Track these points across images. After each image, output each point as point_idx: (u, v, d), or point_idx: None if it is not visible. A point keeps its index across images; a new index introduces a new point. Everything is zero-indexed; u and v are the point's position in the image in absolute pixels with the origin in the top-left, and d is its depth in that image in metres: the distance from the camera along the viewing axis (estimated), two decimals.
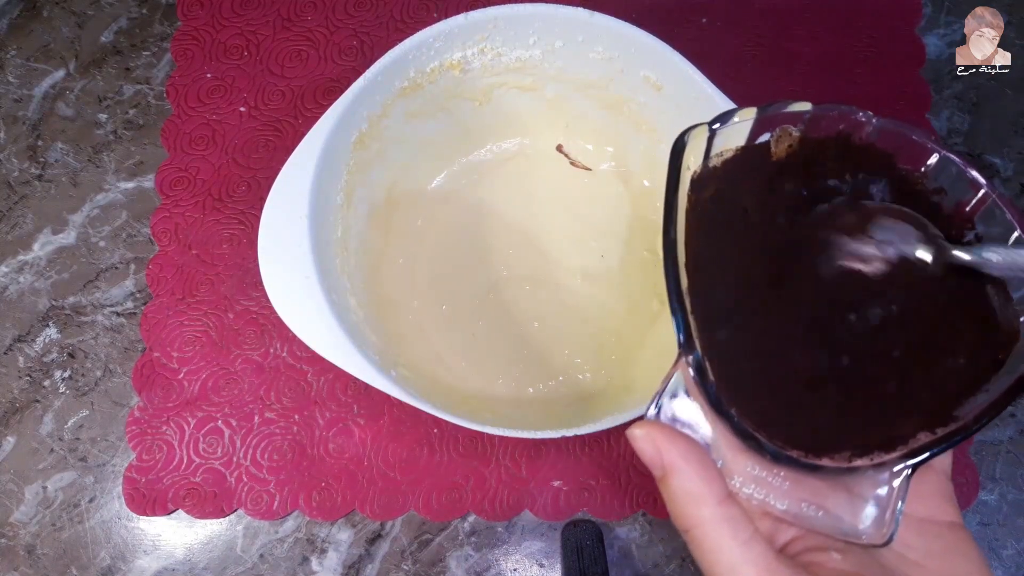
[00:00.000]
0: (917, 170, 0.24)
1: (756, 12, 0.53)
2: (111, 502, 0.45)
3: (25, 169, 0.51)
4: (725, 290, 0.23)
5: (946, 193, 0.24)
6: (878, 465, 0.20)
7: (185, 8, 0.54)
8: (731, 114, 0.24)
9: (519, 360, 0.45)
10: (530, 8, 0.39)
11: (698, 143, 0.24)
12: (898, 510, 0.20)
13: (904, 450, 0.20)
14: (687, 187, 0.23)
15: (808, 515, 0.20)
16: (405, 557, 0.44)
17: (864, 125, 0.24)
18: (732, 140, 0.24)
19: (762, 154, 0.24)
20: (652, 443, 0.20)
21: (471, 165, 0.49)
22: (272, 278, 0.37)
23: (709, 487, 0.19)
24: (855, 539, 0.20)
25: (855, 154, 0.24)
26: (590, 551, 0.41)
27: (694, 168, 0.24)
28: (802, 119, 0.24)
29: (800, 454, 0.20)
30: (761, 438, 0.20)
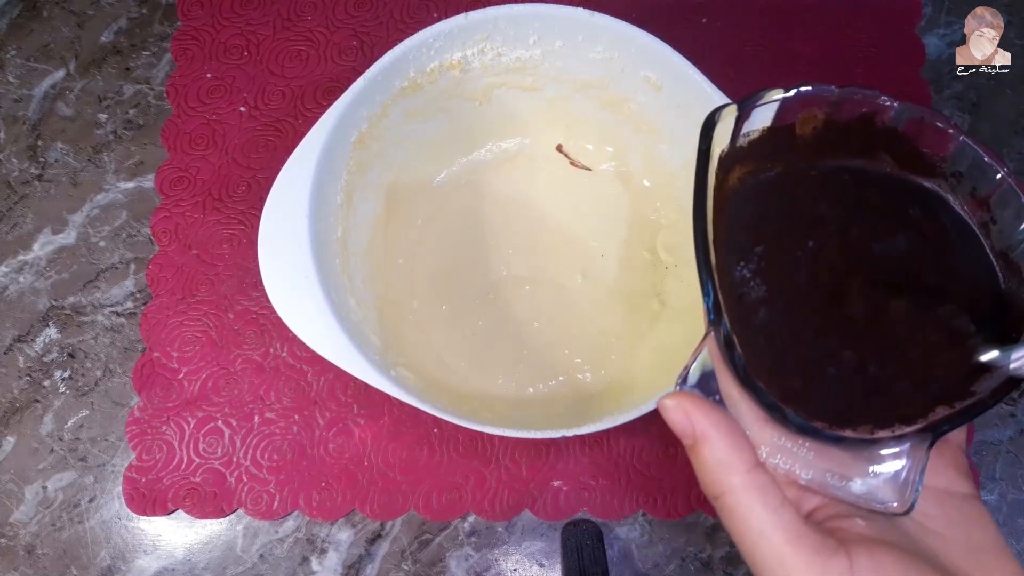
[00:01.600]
0: (937, 154, 0.24)
1: (756, 12, 0.53)
2: (111, 502, 0.45)
3: (25, 169, 0.51)
4: (752, 266, 0.23)
5: (963, 177, 0.24)
6: (899, 437, 0.21)
7: (185, 8, 0.54)
8: (760, 95, 0.24)
9: (519, 360, 0.45)
10: (530, 8, 0.40)
11: (727, 123, 0.24)
12: (918, 480, 0.20)
13: (924, 423, 0.21)
14: (715, 165, 0.24)
15: (832, 485, 0.21)
16: (405, 557, 0.44)
17: (887, 109, 0.24)
18: (759, 121, 0.25)
19: (788, 135, 0.25)
20: (683, 412, 0.20)
21: (471, 165, 0.49)
22: (272, 278, 0.37)
23: (739, 455, 0.20)
24: (877, 508, 0.21)
25: (878, 137, 0.25)
26: (590, 551, 0.41)
27: (722, 147, 0.24)
28: (827, 101, 0.24)
29: (824, 426, 0.21)
30: (787, 410, 0.21)
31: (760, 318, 0.22)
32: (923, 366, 0.22)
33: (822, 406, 0.22)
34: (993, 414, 0.46)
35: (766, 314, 0.23)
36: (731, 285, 0.22)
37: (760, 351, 0.22)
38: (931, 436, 0.20)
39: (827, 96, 0.24)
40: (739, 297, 0.22)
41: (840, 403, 0.22)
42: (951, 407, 0.21)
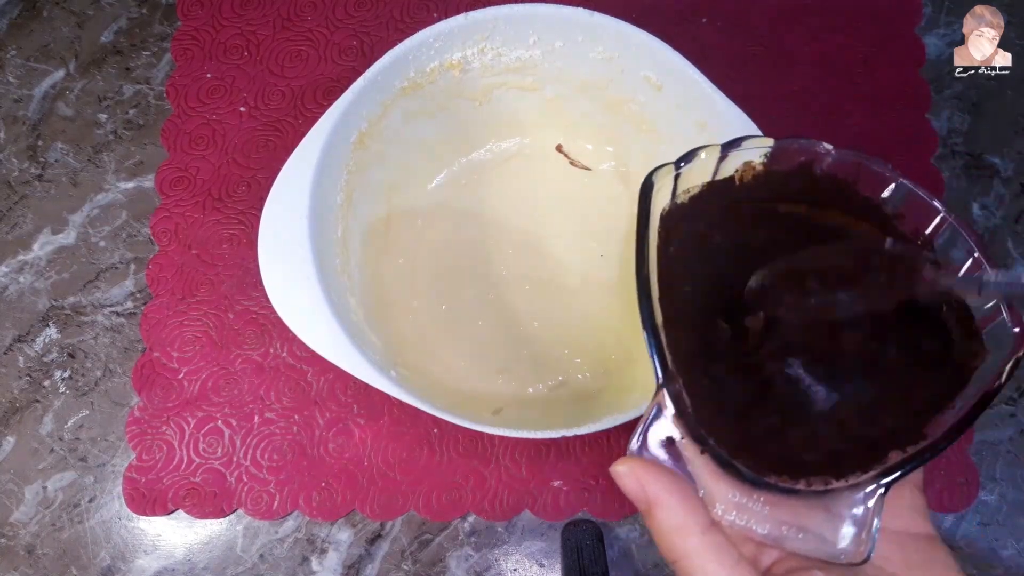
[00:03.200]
0: (876, 197, 0.25)
1: (756, 12, 0.53)
2: (111, 502, 0.45)
3: (25, 169, 0.51)
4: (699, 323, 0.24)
5: (905, 218, 0.25)
6: (853, 486, 0.21)
7: (185, 8, 0.54)
8: (695, 152, 0.25)
9: (519, 360, 0.45)
10: (530, 8, 0.39)
11: (666, 181, 0.25)
12: (875, 528, 0.20)
13: (877, 469, 0.21)
14: (657, 223, 0.24)
15: (789, 537, 0.21)
16: (405, 557, 0.44)
17: (824, 156, 0.25)
18: (698, 176, 0.25)
19: (728, 188, 0.25)
20: (635, 479, 0.21)
21: (471, 165, 0.49)
22: (272, 278, 0.37)
23: (693, 517, 0.20)
24: (835, 559, 0.21)
25: (817, 183, 0.25)
26: (590, 551, 0.41)
27: (663, 205, 0.25)
28: (764, 153, 0.25)
29: (777, 479, 0.21)
30: (739, 465, 0.21)
31: (709, 374, 0.23)
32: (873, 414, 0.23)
33: (775, 459, 0.22)
34: (993, 414, 0.46)
35: (715, 370, 0.23)
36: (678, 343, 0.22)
37: (711, 407, 0.22)
38: (885, 483, 0.20)
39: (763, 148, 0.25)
40: (688, 354, 0.23)
41: (793, 455, 0.22)
42: (904, 452, 0.21)
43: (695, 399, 0.22)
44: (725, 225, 0.25)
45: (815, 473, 0.21)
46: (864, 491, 0.21)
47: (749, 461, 0.21)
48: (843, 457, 0.22)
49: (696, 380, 0.22)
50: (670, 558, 0.20)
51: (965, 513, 0.44)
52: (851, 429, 0.23)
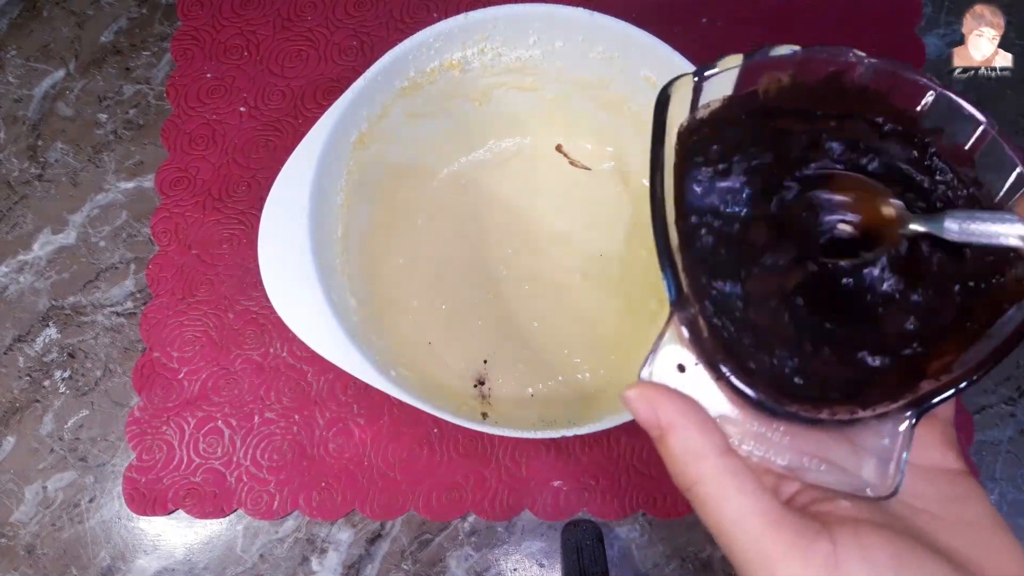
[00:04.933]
0: (913, 109, 0.23)
1: (756, 12, 0.53)
2: (111, 502, 0.45)
3: (25, 169, 0.51)
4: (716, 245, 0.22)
5: (944, 132, 0.23)
6: (881, 416, 0.20)
7: (185, 8, 0.54)
8: (715, 63, 0.23)
9: (519, 360, 0.45)
10: (530, 8, 0.39)
11: (683, 94, 0.23)
12: (903, 460, 0.19)
13: (907, 399, 0.20)
14: (674, 140, 0.22)
15: (811, 469, 0.20)
16: (405, 557, 0.44)
17: (855, 66, 0.23)
18: (719, 90, 0.23)
19: (751, 101, 0.24)
20: (647, 403, 0.19)
21: (471, 165, 0.49)
22: (272, 278, 0.37)
23: (709, 441, 0.19)
24: (860, 492, 0.19)
25: (848, 96, 0.23)
26: (590, 551, 0.41)
27: (681, 121, 0.23)
28: (792, 63, 0.23)
29: (799, 408, 0.20)
30: (758, 393, 0.20)
31: (727, 299, 0.21)
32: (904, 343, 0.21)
33: (796, 387, 0.21)
34: (993, 414, 0.46)
35: (733, 295, 0.21)
36: (694, 265, 0.21)
37: (728, 332, 0.21)
38: (916, 413, 0.19)
39: (791, 58, 0.23)
40: (704, 278, 0.21)
41: (816, 384, 0.21)
42: (936, 380, 0.20)
43: (711, 325, 0.20)
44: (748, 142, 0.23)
45: (839, 402, 0.20)
46: (893, 421, 0.19)
47: (768, 389, 0.20)
48: (870, 387, 0.21)
49: (712, 305, 0.21)
50: (684, 484, 0.19)
51: None
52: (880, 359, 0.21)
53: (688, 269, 0.21)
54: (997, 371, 0.48)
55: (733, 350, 0.21)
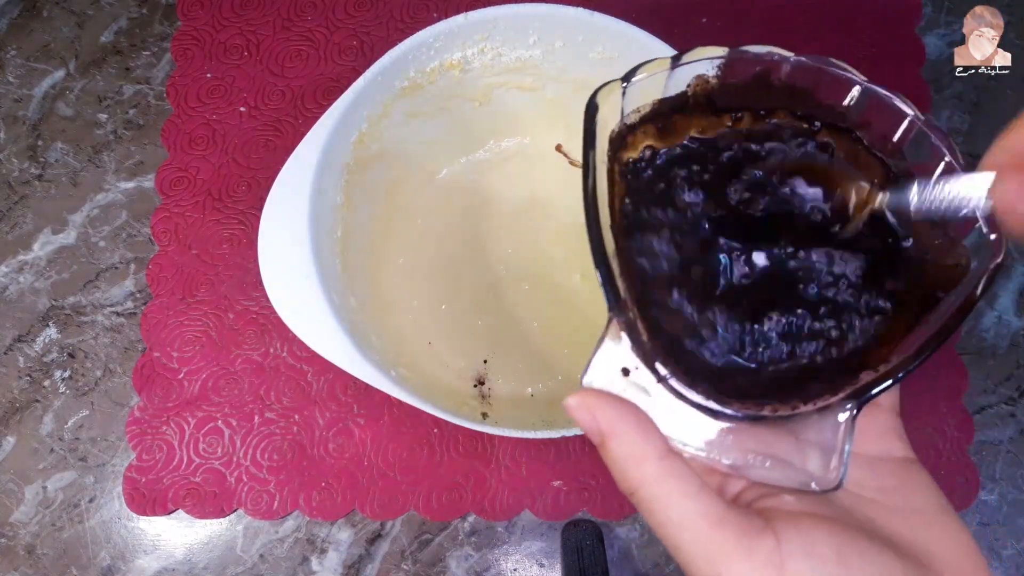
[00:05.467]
0: (839, 104, 0.23)
1: (756, 12, 0.53)
2: (111, 502, 0.45)
3: (25, 169, 0.51)
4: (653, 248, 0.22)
5: (872, 125, 0.23)
6: (822, 409, 0.20)
7: (185, 8, 0.54)
8: (640, 67, 0.23)
9: (519, 360, 0.45)
10: (530, 8, 0.39)
11: (613, 100, 0.23)
12: (846, 452, 0.19)
13: (847, 391, 0.20)
14: (606, 146, 0.22)
15: (755, 466, 0.20)
16: (405, 557, 0.44)
17: (781, 64, 0.23)
18: (649, 94, 0.24)
19: (680, 104, 0.24)
20: (587, 410, 0.19)
21: (471, 165, 0.49)
22: (272, 278, 0.36)
23: (649, 444, 0.19)
24: (805, 486, 0.19)
25: (775, 94, 0.24)
26: (590, 551, 0.41)
27: (612, 126, 0.23)
28: (717, 65, 0.23)
29: (741, 406, 0.20)
30: (698, 394, 0.20)
31: (665, 302, 0.21)
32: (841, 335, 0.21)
33: (737, 386, 0.21)
34: (993, 414, 0.46)
35: (670, 297, 0.21)
36: (631, 270, 0.21)
37: (666, 335, 0.21)
38: (856, 404, 0.19)
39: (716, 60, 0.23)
40: (641, 282, 0.21)
41: (756, 381, 0.21)
42: (875, 372, 0.20)
43: (650, 329, 0.21)
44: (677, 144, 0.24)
45: (781, 398, 0.20)
46: (834, 414, 0.19)
47: (709, 389, 0.20)
48: (810, 381, 0.21)
49: (651, 309, 0.21)
50: (627, 489, 0.19)
51: (965, 513, 0.44)
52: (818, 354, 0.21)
53: (625, 273, 0.21)
54: (997, 371, 0.48)
55: (674, 351, 0.21)
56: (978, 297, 0.20)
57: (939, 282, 0.21)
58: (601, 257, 0.21)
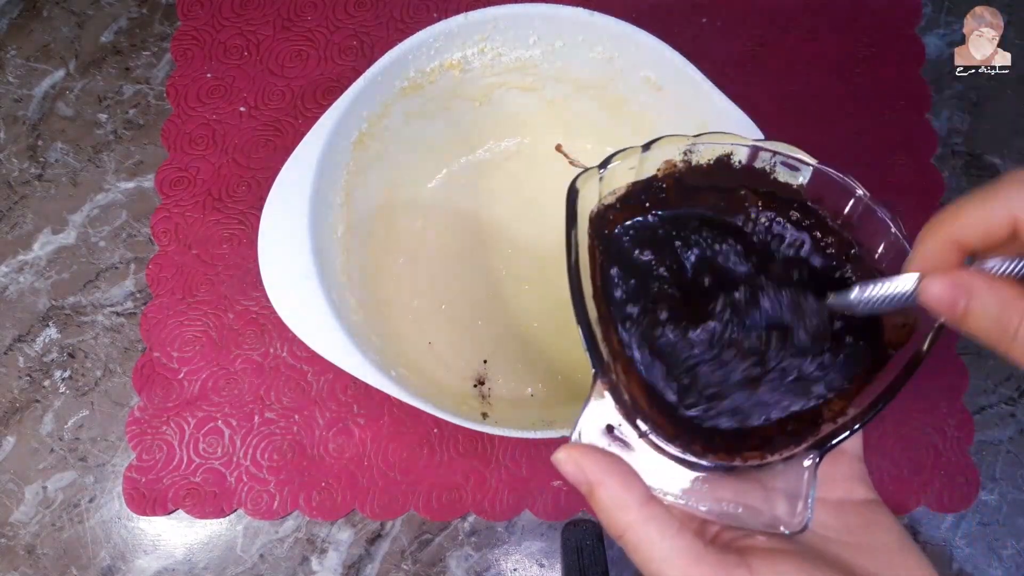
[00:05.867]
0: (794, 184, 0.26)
1: (756, 12, 0.53)
2: (111, 502, 0.45)
3: (25, 169, 0.51)
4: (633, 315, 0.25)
5: (824, 200, 0.26)
6: (787, 459, 0.22)
7: (185, 8, 0.54)
8: (615, 155, 0.26)
9: (519, 360, 0.45)
10: (530, 8, 0.39)
11: (591, 184, 0.26)
12: (810, 497, 0.21)
13: (809, 442, 0.22)
14: (587, 224, 0.26)
15: (729, 513, 0.22)
16: (405, 557, 0.44)
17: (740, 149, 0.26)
18: (623, 177, 0.27)
19: (651, 185, 0.27)
20: (574, 464, 0.21)
21: (471, 165, 0.49)
22: (272, 278, 0.37)
23: (631, 492, 0.21)
24: (775, 529, 0.21)
25: (735, 174, 0.27)
26: (590, 551, 0.41)
27: (591, 207, 0.26)
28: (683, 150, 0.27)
29: (715, 458, 0.22)
30: (675, 448, 0.22)
31: (645, 364, 0.24)
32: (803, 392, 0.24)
33: (710, 440, 0.23)
34: (993, 414, 0.46)
35: (649, 359, 0.24)
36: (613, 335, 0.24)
37: (648, 393, 0.23)
38: (818, 454, 0.21)
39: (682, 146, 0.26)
40: (623, 346, 0.24)
41: (728, 434, 0.23)
42: (834, 423, 0.22)
43: (631, 388, 0.23)
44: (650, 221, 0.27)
45: (751, 450, 0.23)
46: (798, 463, 0.22)
47: (686, 444, 0.22)
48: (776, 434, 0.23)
49: (632, 370, 0.24)
50: (615, 534, 0.21)
51: (965, 513, 0.44)
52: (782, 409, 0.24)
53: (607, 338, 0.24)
54: (997, 371, 0.48)
55: (654, 408, 0.23)
56: (924, 353, 0.22)
57: (891, 341, 0.24)
58: (585, 324, 0.23)
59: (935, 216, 0.21)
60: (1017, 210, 0.19)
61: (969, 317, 0.20)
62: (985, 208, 0.20)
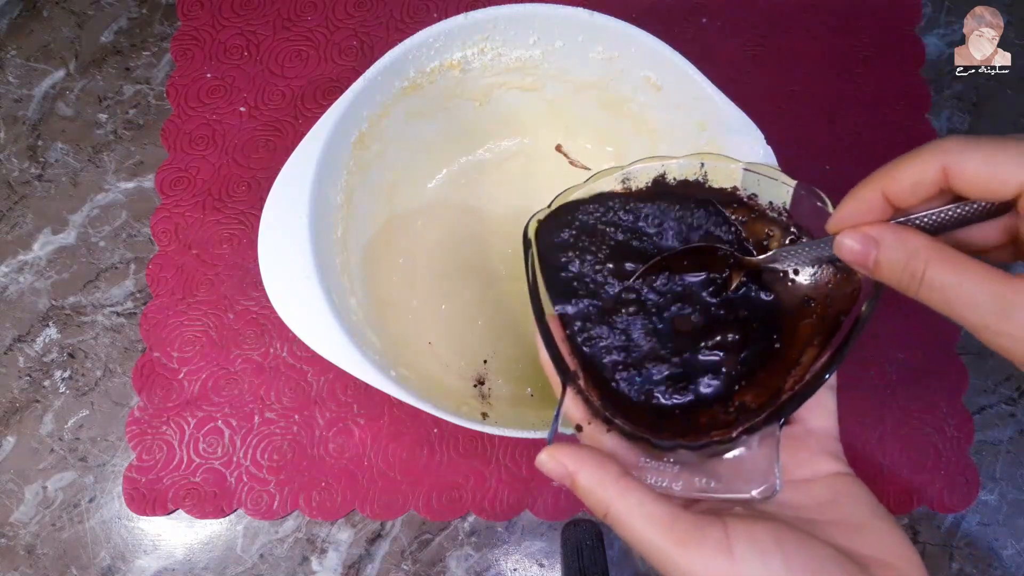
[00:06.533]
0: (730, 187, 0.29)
1: (756, 12, 0.53)
2: (111, 502, 0.45)
3: (25, 169, 0.51)
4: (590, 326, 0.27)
5: (758, 195, 0.29)
6: (748, 430, 0.23)
7: (185, 8, 0.54)
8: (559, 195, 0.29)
9: (519, 359, 0.45)
10: (530, 8, 0.39)
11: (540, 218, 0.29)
12: (776, 462, 0.22)
13: (767, 413, 0.24)
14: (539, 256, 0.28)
15: (702, 487, 0.23)
16: (405, 557, 0.44)
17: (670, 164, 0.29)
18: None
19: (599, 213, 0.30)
20: (554, 460, 0.23)
21: (471, 165, 0.49)
22: (272, 278, 0.36)
23: (607, 470, 0.22)
24: (747, 497, 0.22)
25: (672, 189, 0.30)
26: (590, 551, 0.41)
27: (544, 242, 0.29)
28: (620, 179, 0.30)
29: (682, 440, 0.24)
30: (647, 435, 0.24)
31: (607, 365, 0.27)
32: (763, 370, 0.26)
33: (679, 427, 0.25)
34: (993, 414, 0.46)
35: (611, 361, 0.27)
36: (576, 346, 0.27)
37: (613, 394, 0.26)
38: (778, 422, 0.23)
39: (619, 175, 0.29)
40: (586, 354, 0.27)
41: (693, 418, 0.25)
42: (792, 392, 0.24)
43: (598, 390, 0.26)
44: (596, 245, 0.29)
45: (717, 428, 0.24)
46: (761, 433, 0.23)
47: (652, 431, 0.24)
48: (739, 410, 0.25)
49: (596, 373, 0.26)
50: (600, 513, 0.22)
51: (965, 513, 0.44)
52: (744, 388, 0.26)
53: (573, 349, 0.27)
54: (997, 371, 0.48)
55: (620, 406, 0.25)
56: (864, 313, 0.24)
57: (843, 309, 0.25)
58: (549, 342, 0.26)
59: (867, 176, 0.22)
60: (948, 162, 0.20)
61: (880, 267, 0.21)
62: (916, 161, 0.21)
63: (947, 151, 0.20)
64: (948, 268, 0.20)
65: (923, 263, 0.20)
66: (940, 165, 0.20)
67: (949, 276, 0.20)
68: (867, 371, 0.46)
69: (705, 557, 0.20)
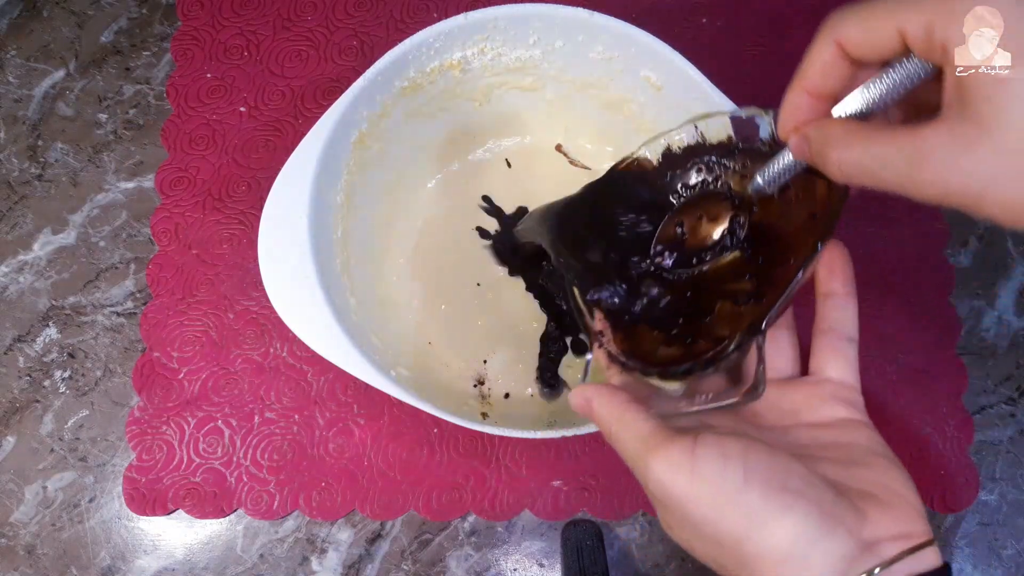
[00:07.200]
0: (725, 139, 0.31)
1: (756, 12, 0.53)
2: (111, 502, 0.45)
3: (25, 169, 0.51)
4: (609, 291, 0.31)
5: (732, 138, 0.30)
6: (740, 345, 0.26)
7: (185, 8, 0.54)
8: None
9: (518, 360, 0.45)
10: (530, 8, 0.39)
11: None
12: (760, 365, 0.24)
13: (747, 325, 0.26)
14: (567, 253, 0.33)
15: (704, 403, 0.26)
16: (405, 557, 0.44)
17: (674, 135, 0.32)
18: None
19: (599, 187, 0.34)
20: (582, 397, 0.26)
21: (471, 165, 0.49)
22: (272, 278, 0.37)
23: (615, 397, 0.25)
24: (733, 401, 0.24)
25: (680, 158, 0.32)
26: (590, 551, 0.41)
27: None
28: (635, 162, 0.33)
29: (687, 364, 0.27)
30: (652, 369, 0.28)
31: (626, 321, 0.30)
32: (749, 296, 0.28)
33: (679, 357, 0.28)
34: (993, 414, 0.46)
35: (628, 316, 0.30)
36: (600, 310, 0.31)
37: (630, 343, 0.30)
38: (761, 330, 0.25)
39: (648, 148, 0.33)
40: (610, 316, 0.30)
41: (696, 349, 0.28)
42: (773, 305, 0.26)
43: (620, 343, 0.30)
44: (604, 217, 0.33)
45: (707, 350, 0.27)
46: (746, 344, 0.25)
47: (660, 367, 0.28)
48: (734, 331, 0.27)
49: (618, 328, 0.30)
50: (607, 435, 0.25)
51: (965, 513, 0.44)
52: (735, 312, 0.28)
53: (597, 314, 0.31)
54: (997, 371, 0.48)
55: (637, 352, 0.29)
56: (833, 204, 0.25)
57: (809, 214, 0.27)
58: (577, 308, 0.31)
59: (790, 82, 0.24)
60: (836, 38, 0.21)
61: (813, 158, 0.23)
62: (815, 50, 0.22)
63: (833, 27, 0.21)
64: (856, 141, 0.21)
65: (837, 146, 0.22)
66: (833, 43, 0.21)
67: (856, 149, 0.21)
68: (867, 371, 0.46)
69: (670, 459, 0.22)
